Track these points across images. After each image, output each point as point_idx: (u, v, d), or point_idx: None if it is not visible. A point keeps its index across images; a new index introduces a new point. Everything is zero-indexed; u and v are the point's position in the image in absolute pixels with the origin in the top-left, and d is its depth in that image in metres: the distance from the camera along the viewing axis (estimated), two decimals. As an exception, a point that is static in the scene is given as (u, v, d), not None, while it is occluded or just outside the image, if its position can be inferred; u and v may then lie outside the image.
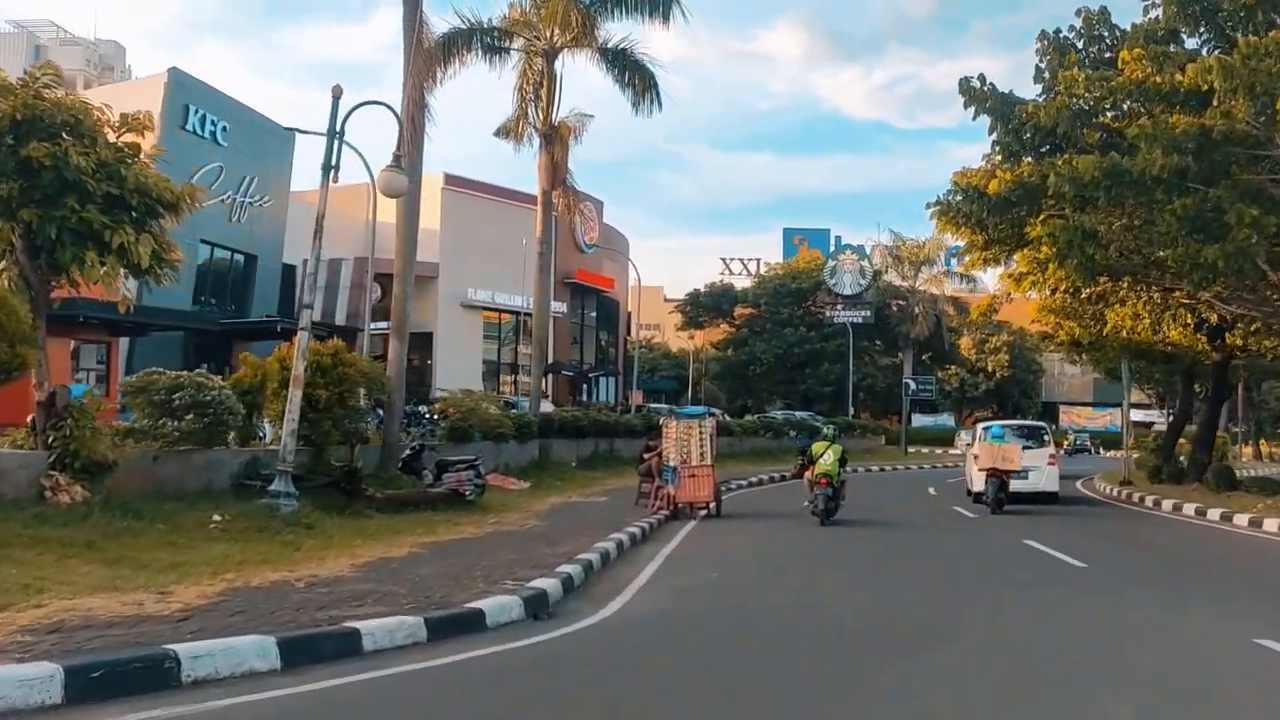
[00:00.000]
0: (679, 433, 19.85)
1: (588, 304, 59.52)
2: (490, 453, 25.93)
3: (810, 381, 66.92)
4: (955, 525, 19.38)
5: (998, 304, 29.10)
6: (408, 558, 11.81)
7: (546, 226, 29.69)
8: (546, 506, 20.08)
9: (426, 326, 49.40)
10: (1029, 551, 14.88)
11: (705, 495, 19.79)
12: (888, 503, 24.53)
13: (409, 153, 19.46)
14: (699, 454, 19.74)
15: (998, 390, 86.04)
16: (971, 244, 26.27)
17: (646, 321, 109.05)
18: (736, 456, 41.50)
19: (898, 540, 16.59)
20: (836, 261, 63.65)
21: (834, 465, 19.20)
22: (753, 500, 25.67)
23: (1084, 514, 22.55)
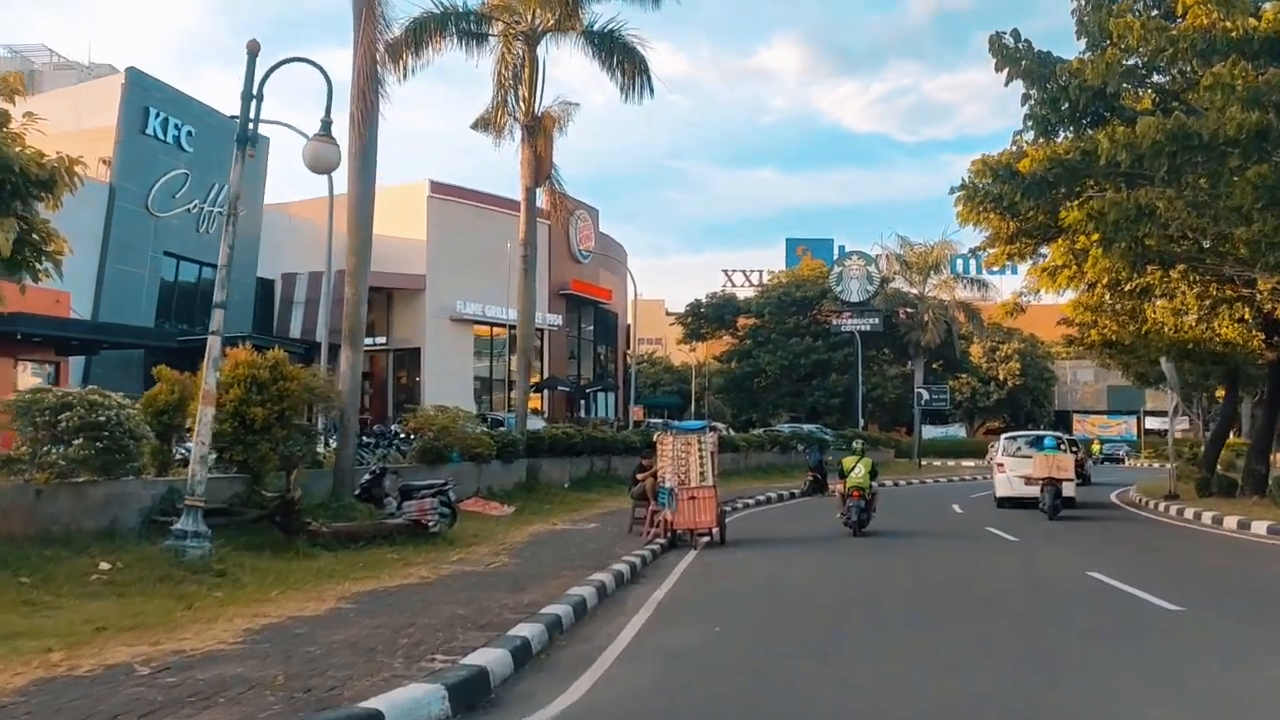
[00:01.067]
0: (675, 450, 17.34)
1: (584, 316, 57.03)
2: (470, 475, 23.47)
3: (818, 393, 64.36)
4: (998, 551, 16.81)
5: (1024, 302, 26.64)
6: (326, 616, 9.30)
7: (530, 227, 27.26)
8: (526, 536, 17.56)
9: (414, 342, 47.08)
10: (1098, 588, 12.29)
11: (706, 520, 17.27)
12: (913, 524, 21.98)
13: (360, 133, 17.05)
14: (698, 473, 17.23)
15: (1010, 399, 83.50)
16: (996, 235, 23.85)
17: (648, 336, 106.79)
18: (742, 473, 39.05)
19: (937, 574, 13.99)
20: (843, 268, 61.04)
21: (865, 478, 19.69)
22: (761, 522, 23.15)
23: (1135, 534, 20.01)
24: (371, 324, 48.37)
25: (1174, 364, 25.57)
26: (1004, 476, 26.41)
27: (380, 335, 47.65)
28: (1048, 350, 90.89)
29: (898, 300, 64.52)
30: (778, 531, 20.60)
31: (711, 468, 17.39)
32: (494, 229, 47.34)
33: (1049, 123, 17.71)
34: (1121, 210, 16.03)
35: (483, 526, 18.92)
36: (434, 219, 46.60)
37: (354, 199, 17.69)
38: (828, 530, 20.70)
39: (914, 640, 9.16)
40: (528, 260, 27.06)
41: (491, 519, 20.71)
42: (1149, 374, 34.32)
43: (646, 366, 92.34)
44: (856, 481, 19.52)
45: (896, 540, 18.31)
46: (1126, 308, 23.77)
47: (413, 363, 47.55)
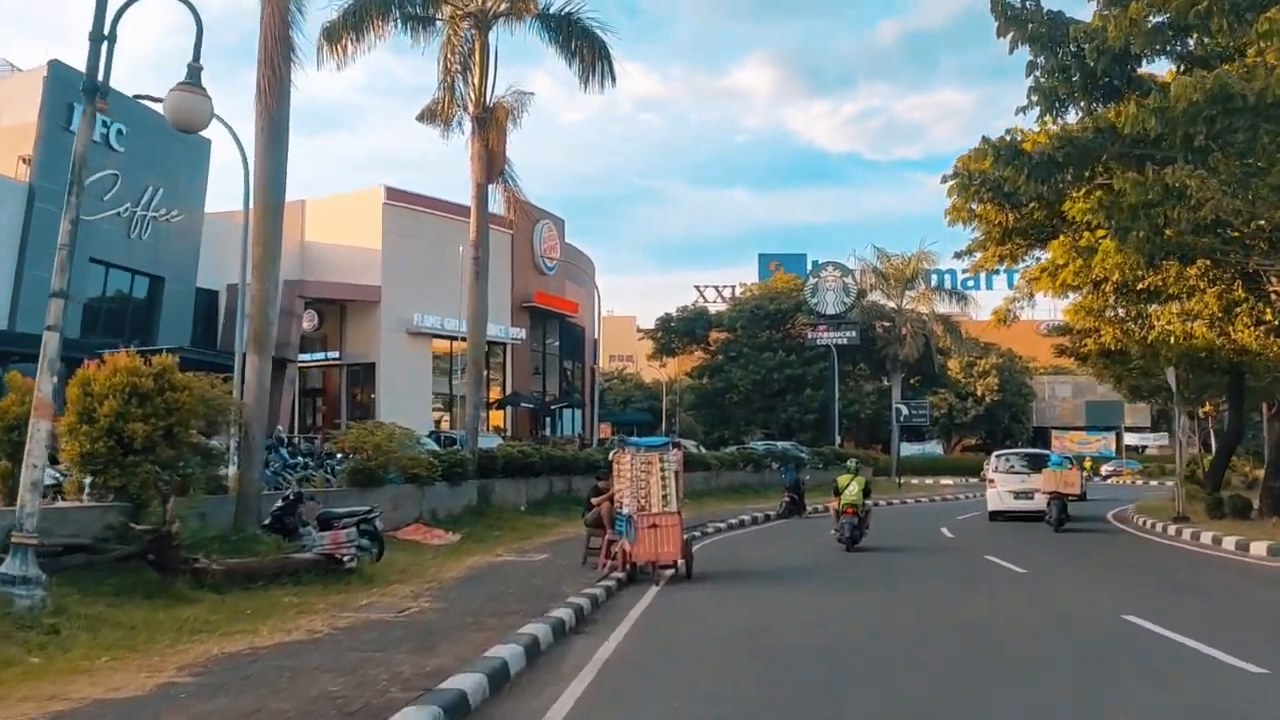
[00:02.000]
0: (634, 470, 15.07)
1: (550, 330, 54.72)
2: (411, 499, 21.13)
3: (791, 409, 62.24)
4: (1009, 586, 14.56)
5: (1016, 310, 24.58)
6: (146, 698, 6.96)
7: (482, 227, 24.97)
8: (462, 571, 15.25)
9: (369, 356, 44.63)
10: (1147, 639, 10.03)
11: (670, 552, 15.00)
12: (906, 552, 19.77)
13: (267, 104, 14.72)
14: (660, 497, 14.96)
15: (988, 415, 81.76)
16: (988, 236, 21.78)
17: (619, 352, 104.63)
18: (713, 493, 36.82)
19: (947, 620, 11.66)
20: (818, 279, 59.00)
21: (858, 496, 20.17)
22: (733, 549, 20.91)
23: (1155, 563, 17.77)
24: (324, 337, 46.12)
25: (1178, 375, 23.48)
26: (995, 492, 28.12)
27: (333, 349, 45.26)
28: (1026, 365, 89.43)
29: (875, 313, 62.65)
30: (753, 561, 18.36)
31: (676, 490, 15.13)
32: (454, 238, 44.96)
33: (1057, 97, 15.58)
34: (1144, 192, 13.94)
35: (416, 559, 16.59)
36: (390, 227, 44.25)
37: (261, 178, 15.30)
38: (810, 559, 18.52)
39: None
40: (479, 263, 24.76)
41: (430, 549, 18.39)
42: (1143, 386, 32.41)
43: (617, 383, 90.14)
44: (850, 499, 20.04)
45: (891, 573, 16.10)
46: (1132, 312, 21.72)
47: (367, 379, 45.09)
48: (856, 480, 20.40)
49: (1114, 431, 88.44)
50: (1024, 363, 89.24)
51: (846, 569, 16.80)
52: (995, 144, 15.24)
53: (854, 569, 16.76)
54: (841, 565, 17.41)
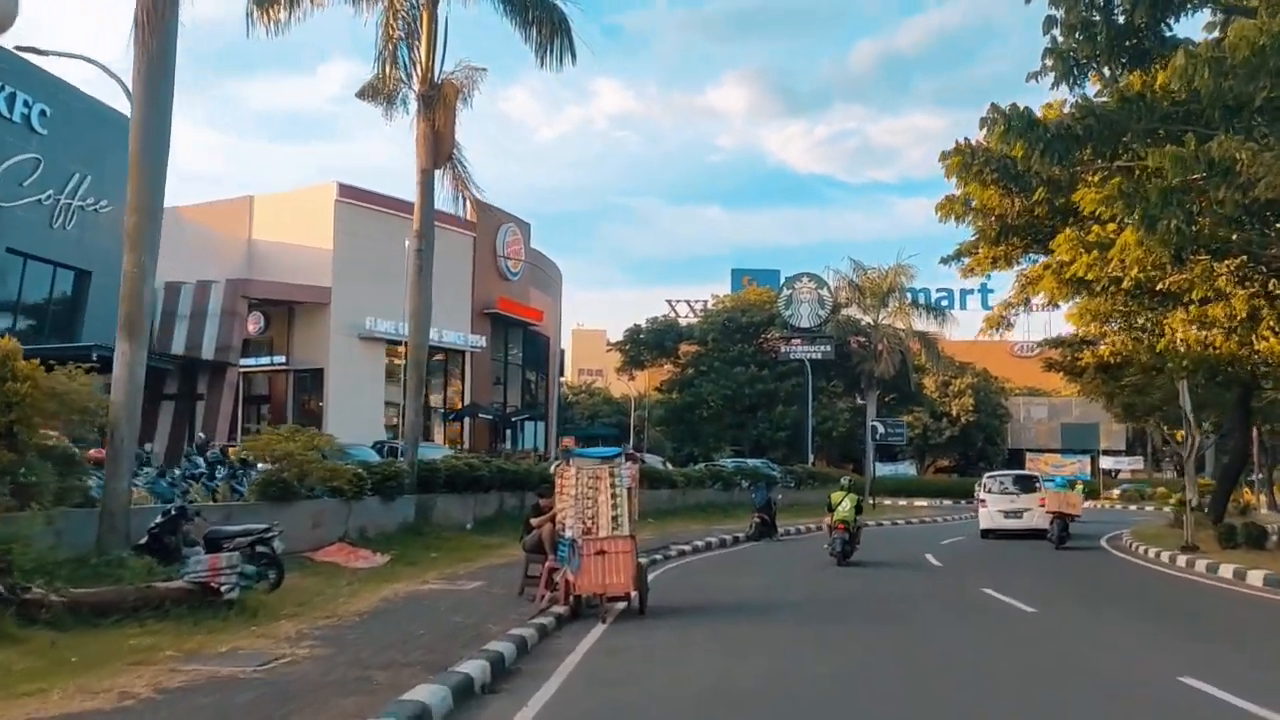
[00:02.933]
0: (580, 486, 12.77)
1: (512, 339, 52.33)
2: (336, 515, 18.77)
3: (763, 426, 59.99)
4: (1023, 629, 12.32)
5: (1012, 315, 22.54)
6: None
7: (426, 216, 22.68)
8: (373, 603, 12.89)
9: (317, 362, 42.10)
10: (1226, 714, 7.85)
11: (620, 583, 12.69)
12: (890, 583, 17.56)
13: (146, 43, 12.32)
14: (610, 518, 12.67)
15: (962, 436, 79.95)
16: (983, 234, 19.67)
17: (589, 366, 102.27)
18: (679, 512, 34.52)
19: (959, 681, 9.38)
20: (793, 290, 56.79)
21: (850, 513, 20.81)
22: (698, 576, 18.63)
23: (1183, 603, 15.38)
24: (270, 341, 43.52)
25: (1189, 389, 21.30)
26: (987, 511, 29.55)
27: (280, 353, 42.70)
28: (1001, 385, 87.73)
29: (850, 328, 60.59)
30: (720, 591, 16.09)
31: (628, 510, 12.84)
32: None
33: (1075, 62, 13.45)
34: (1183, 170, 11.80)
35: (327, 586, 14.22)
36: (342, 226, 41.81)
37: (140, 131, 12.79)
38: (784, 589, 16.29)
39: None
40: (423, 255, 22.46)
41: (349, 573, 16.00)
42: (1137, 405, 30.40)
43: (585, 397, 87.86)
44: (842, 515, 20.77)
45: (879, 613, 13.86)
46: (1141, 319, 19.56)
47: (315, 385, 42.57)
48: (850, 497, 21.19)
49: (1089, 455, 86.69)
50: (999, 383, 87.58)
51: (827, 605, 14.58)
52: (1007, 112, 13.09)
53: (835, 605, 14.54)
54: (821, 599, 15.19)
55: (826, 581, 17.70)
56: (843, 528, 20.60)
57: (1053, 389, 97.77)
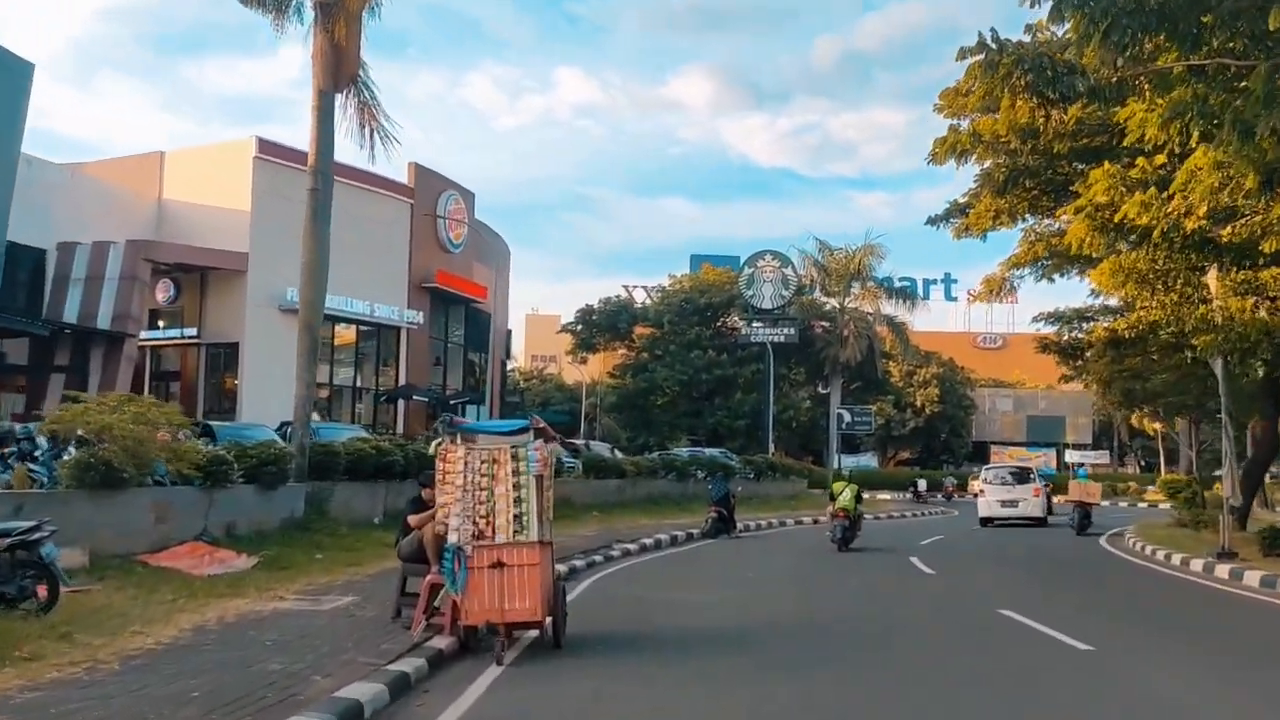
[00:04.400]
0: (471, 473, 9.18)
1: (454, 316, 48.46)
2: (192, 507, 15.10)
3: (720, 414, 56.51)
4: (1085, 678, 8.94)
5: (1015, 278, 19.30)
6: None
7: (323, 149, 18.95)
8: (180, 632, 9.30)
9: (231, 336, 37.99)
10: None
11: (525, 608, 9.13)
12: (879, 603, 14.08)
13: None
14: (511, 517, 9.11)
15: (926, 427, 77.29)
16: (988, 178, 16.33)
17: (543, 353, 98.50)
18: (628, 505, 31.07)
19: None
20: (755, 269, 53.23)
21: (850, 502, 21.82)
22: (640, 584, 15.19)
23: (1267, 633, 12.21)
24: (180, 311, 39.46)
25: (1229, 365, 17.89)
26: (985, 500, 31.45)
27: (190, 325, 38.58)
28: (967, 376, 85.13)
29: (814, 312, 57.32)
30: (666, 609, 12.61)
31: (538, 506, 9.25)
32: (342, 203, 38.77)
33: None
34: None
35: (137, 603, 10.61)
36: (261, 186, 37.63)
37: None
38: (749, 606, 12.86)
39: None
40: (318, 196, 18.76)
41: (190, 582, 12.35)
42: (1136, 392, 27.27)
43: (536, 383, 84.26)
44: (843, 504, 21.86)
45: (879, 650, 10.35)
46: (1179, 283, 16.16)
47: (230, 362, 38.52)
48: (850, 488, 22.34)
49: (1054, 448, 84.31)
50: (965, 373, 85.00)
51: (803, 634, 11.12)
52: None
53: (814, 635, 11.07)
54: (796, 625, 11.73)
55: (799, 596, 14.31)
56: (843, 515, 21.72)
57: (1018, 380, 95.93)
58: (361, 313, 40.66)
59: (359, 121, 19.39)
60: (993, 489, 31.47)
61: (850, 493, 22.07)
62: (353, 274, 39.28)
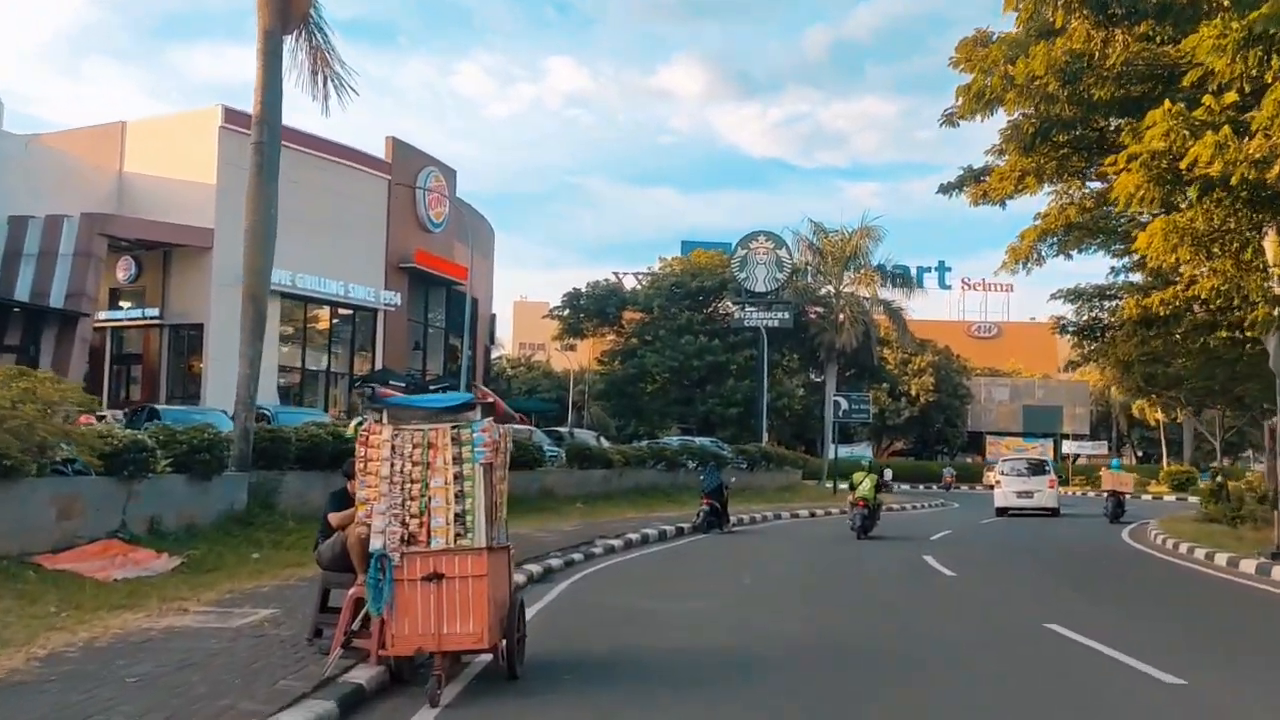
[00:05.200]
0: (401, 459, 7.18)
1: (434, 299, 46.39)
2: (104, 500, 13.11)
3: (712, 401, 54.49)
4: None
5: (1044, 246, 17.35)
6: None
7: (269, 97, 16.91)
8: (34, 656, 7.31)
9: (195, 316, 35.82)
10: None
11: (469, 633, 7.13)
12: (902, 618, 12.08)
13: None
14: (451, 516, 7.12)
15: (921, 417, 75.38)
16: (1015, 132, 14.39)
17: (532, 340, 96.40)
18: (615, 496, 29.17)
19: None
20: (748, 250, 51.11)
21: (870, 491, 22.67)
22: (625, 589, 13.25)
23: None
24: (142, 291, 37.37)
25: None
26: (1001, 491, 32.31)
27: (152, 305, 36.44)
28: (963, 364, 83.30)
29: (808, 297, 55.30)
30: (652, 623, 10.67)
31: (485, 502, 7.24)
32: (312, 177, 36.79)
33: None
34: None
35: (7, 615, 8.57)
36: (228, 158, 35.31)
37: None
38: (750, 618, 10.93)
39: None
40: (264, 151, 16.76)
41: (90, 589, 10.37)
42: (1157, 377, 25.41)
43: (524, 370, 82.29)
44: (863, 493, 22.48)
45: (917, 674, 8.43)
46: (1235, 245, 14.22)
47: (194, 345, 36.41)
48: (869, 477, 22.94)
49: (1052, 439, 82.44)
50: (960, 361, 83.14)
51: (818, 660, 9.14)
52: None
53: (831, 662, 9.10)
54: (807, 647, 9.77)
55: (807, 606, 12.37)
56: (863, 504, 22.29)
57: (1014, 369, 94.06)
58: (335, 293, 38.63)
59: (311, 68, 17.35)
60: (1009, 480, 32.36)
61: (870, 482, 22.71)
62: (326, 253, 37.31)
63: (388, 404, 7.38)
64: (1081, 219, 18.19)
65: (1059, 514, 31.46)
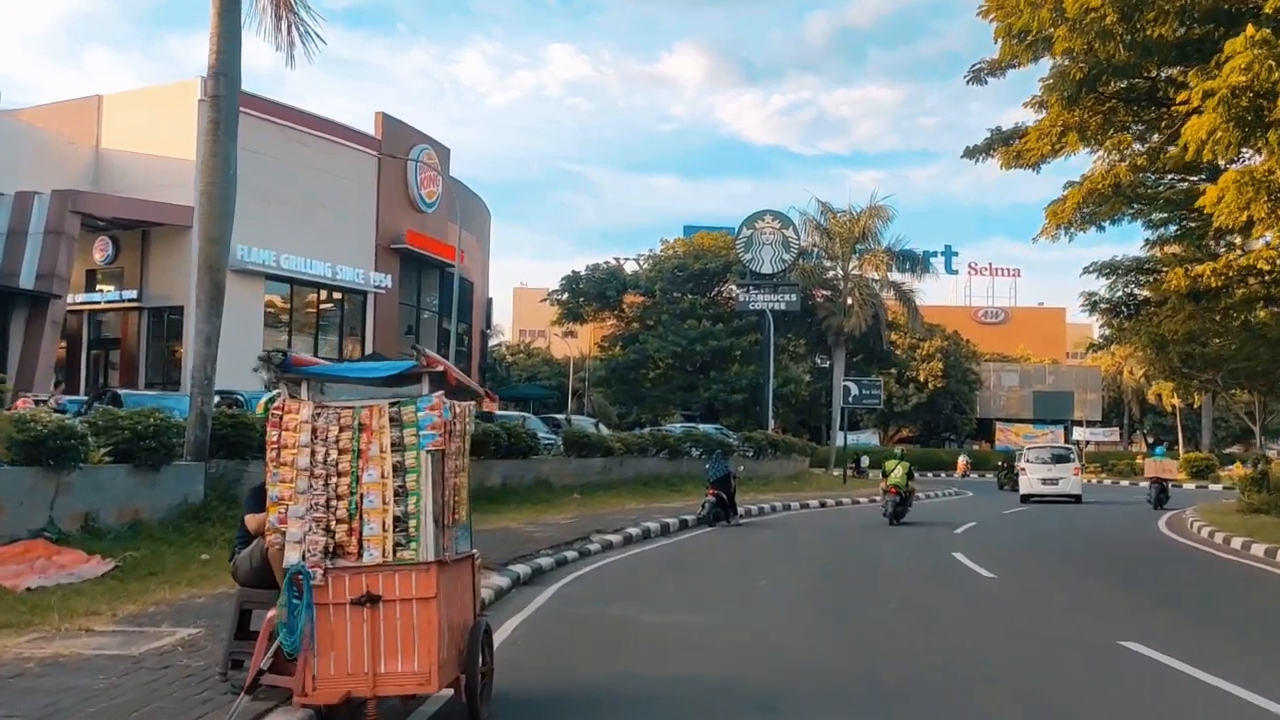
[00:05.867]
0: (325, 445, 5.50)
1: (427, 281, 44.63)
2: (31, 494, 11.45)
3: (716, 387, 52.81)
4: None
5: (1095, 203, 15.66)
6: None
7: (225, 44, 15.17)
8: None
9: (175, 299, 34.08)
10: None
11: (412, 671, 5.47)
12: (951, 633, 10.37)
13: None
14: (387, 519, 5.44)
15: (929, 403, 73.74)
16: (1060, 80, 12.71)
17: (532, 328, 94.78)
18: (615, 487, 27.58)
19: None
20: (753, 230, 49.29)
21: (902, 478, 22.96)
22: (621, 597, 11.61)
23: None
24: (120, 272, 35.77)
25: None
26: (1027, 478, 33.37)
27: (130, 287, 34.78)
28: (972, 349, 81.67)
29: (816, 279, 53.54)
30: (653, 640, 9.06)
31: (435, 501, 5.56)
32: (296, 153, 35.14)
33: None
34: None
35: None
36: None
37: None
38: (768, 636, 9.27)
39: None
40: (220, 105, 15.07)
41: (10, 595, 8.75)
42: (1195, 358, 23.76)
43: (523, 358, 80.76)
44: (895, 480, 22.85)
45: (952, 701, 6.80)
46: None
47: (174, 328, 34.72)
48: (901, 465, 23.24)
49: (1063, 425, 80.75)
50: (969, 346, 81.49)
51: (858, 685, 7.50)
52: None
53: (870, 686, 7.45)
54: (844, 668, 8.13)
55: (834, 619, 10.70)
56: (895, 491, 22.67)
57: (1023, 355, 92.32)
58: (322, 275, 36.88)
59: (274, 13, 15.61)
60: (1034, 467, 33.43)
61: (902, 470, 23.01)
62: (313, 232, 35.63)
63: (306, 373, 5.70)
64: (1129, 182, 16.47)
65: (1081, 500, 32.23)
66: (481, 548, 13.98)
